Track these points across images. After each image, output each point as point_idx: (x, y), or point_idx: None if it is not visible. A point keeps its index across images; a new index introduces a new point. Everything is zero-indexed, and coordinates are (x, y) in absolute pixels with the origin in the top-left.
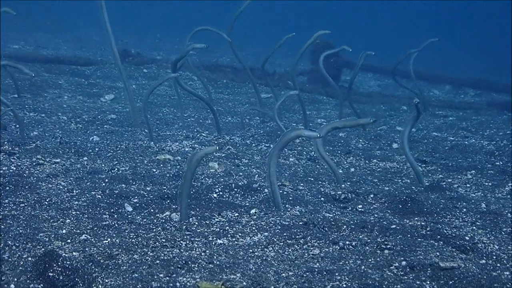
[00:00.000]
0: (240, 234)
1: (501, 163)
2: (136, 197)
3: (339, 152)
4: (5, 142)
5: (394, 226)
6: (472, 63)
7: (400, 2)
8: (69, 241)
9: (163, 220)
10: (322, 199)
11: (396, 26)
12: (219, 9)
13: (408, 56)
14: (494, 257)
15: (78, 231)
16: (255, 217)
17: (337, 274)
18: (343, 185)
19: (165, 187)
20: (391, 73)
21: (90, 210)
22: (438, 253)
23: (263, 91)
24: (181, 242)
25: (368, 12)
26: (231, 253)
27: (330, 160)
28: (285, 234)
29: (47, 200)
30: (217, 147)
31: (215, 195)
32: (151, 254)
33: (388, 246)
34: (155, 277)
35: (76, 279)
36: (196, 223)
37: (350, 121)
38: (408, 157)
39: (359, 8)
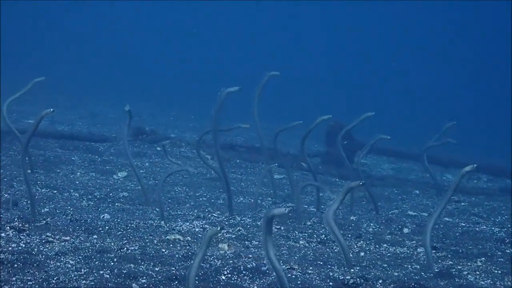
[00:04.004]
0: None
1: (511, 251)
2: (144, 277)
3: (349, 235)
4: (16, 219)
5: None
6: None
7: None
8: None
9: None
10: (330, 283)
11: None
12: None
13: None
14: None
15: None
16: None
17: None
18: (352, 270)
19: (173, 268)
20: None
21: None
22: None
23: (275, 172)
24: None
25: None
26: None
27: (344, 242)
28: None
29: (54, 278)
30: (219, 228)
31: (223, 277)
32: None
33: None
34: None
35: None
36: None
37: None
38: (426, 242)
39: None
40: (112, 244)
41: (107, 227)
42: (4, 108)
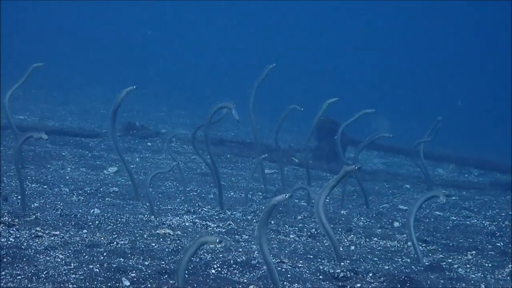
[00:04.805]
0: None
1: (502, 244)
2: (134, 271)
3: (340, 229)
4: (5, 214)
5: None
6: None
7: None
8: None
9: None
10: (320, 277)
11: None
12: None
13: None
14: None
15: None
16: None
17: None
18: (342, 263)
19: (163, 262)
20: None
21: (87, 283)
22: None
23: (266, 166)
24: None
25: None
26: None
27: (333, 236)
28: None
29: (44, 272)
30: (218, 240)
31: (213, 271)
32: None
33: None
34: None
35: None
36: None
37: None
38: (411, 236)
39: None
40: (102, 238)
41: (97, 222)
42: (6, 101)
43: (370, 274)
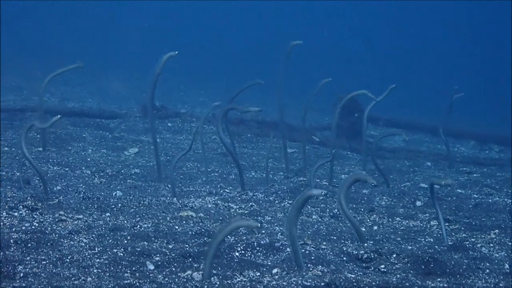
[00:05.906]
0: None
1: None
2: (158, 255)
3: (362, 209)
4: (28, 197)
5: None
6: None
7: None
8: None
9: (185, 280)
10: (344, 258)
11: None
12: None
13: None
14: None
15: None
16: (277, 277)
17: None
18: (365, 244)
19: (187, 245)
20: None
21: (112, 268)
22: None
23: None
24: None
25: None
26: None
27: (353, 218)
28: None
29: (68, 257)
30: (259, 225)
31: (237, 253)
32: None
33: None
34: None
35: None
36: (218, 282)
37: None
38: (438, 215)
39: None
40: (125, 222)
41: (119, 205)
42: (43, 86)
43: (394, 255)
